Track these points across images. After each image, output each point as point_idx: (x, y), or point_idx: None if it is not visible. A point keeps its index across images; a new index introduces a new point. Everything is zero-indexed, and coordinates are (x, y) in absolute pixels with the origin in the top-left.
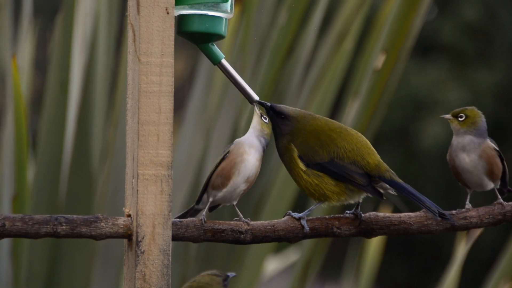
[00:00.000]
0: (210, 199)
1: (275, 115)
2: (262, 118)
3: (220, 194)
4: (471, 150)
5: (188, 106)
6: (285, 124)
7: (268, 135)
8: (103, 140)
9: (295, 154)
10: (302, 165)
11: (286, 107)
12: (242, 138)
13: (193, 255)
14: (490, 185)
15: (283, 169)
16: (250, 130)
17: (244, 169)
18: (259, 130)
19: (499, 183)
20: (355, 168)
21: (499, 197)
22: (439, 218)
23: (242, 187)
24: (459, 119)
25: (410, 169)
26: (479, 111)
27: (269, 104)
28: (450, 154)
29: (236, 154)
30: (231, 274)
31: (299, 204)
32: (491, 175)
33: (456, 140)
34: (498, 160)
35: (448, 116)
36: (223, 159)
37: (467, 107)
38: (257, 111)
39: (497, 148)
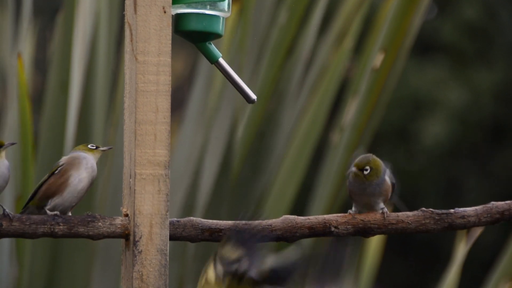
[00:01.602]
0: None
1: None
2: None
3: None
4: None
5: (187, 106)
6: None
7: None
8: (103, 140)
9: None
10: None
11: None
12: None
13: (191, 254)
14: None
15: (283, 169)
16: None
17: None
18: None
19: None
20: None
21: None
22: None
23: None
24: None
25: (410, 169)
26: None
27: None
28: None
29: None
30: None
31: (299, 204)
32: None
33: None
34: None
35: None
36: None
37: None
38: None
39: None
